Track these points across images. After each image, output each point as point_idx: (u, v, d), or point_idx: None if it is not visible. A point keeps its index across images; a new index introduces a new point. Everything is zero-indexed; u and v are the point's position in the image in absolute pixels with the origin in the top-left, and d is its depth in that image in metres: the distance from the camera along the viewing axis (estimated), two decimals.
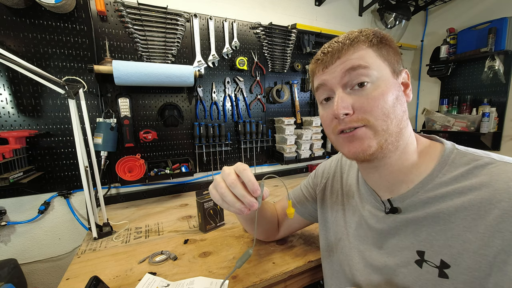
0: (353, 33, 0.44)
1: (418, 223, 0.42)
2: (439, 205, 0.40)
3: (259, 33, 1.55)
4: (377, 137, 0.41)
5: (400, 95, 0.43)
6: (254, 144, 1.60)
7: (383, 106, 0.40)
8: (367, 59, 0.41)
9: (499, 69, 1.66)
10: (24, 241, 1.17)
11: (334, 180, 0.65)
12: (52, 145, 1.16)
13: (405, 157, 0.44)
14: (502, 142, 1.80)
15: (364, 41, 0.42)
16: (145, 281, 0.66)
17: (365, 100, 0.41)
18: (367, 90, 0.41)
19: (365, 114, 0.41)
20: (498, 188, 0.35)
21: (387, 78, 0.42)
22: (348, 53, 0.42)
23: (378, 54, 0.42)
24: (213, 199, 0.46)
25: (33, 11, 1.06)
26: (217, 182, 0.45)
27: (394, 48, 0.44)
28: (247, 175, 0.43)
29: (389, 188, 0.47)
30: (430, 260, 0.39)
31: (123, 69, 1.11)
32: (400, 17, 1.93)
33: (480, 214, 0.35)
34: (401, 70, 0.45)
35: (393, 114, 0.41)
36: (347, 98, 0.42)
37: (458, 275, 0.36)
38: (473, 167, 0.39)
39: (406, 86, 0.45)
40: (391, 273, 0.45)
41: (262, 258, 0.75)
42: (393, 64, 0.43)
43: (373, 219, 0.50)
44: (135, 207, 1.24)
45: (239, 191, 0.42)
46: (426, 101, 2.28)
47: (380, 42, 0.43)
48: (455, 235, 0.37)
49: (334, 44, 0.44)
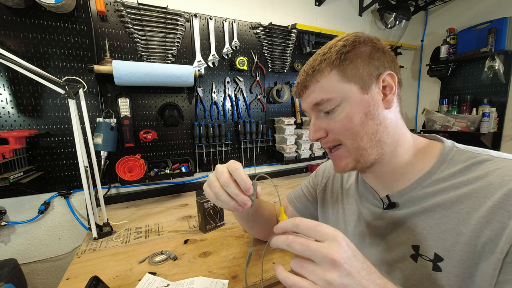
0: (317, 58, 0.44)
1: (415, 218, 0.43)
2: (436, 199, 0.40)
3: (259, 33, 1.55)
4: (352, 154, 0.45)
5: (370, 110, 0.42)
6: (254, 144, 1.60)
7: (350, 127, 0.43)
8: (328, 88, 0.43)
9: (499, 69, 1.66)
10: (24, 241, 1.17)
11: (334, 180, 0.65)
12: (52, 145, 1.16)
13: (396, 159, 0.45)
14: (502, 142, 1.80)
15: (326, 66, 0.43)
16: (145, 281, 0.66)
17: (334, 124, 0.44)
18: (334, 114, 0.44)
19: (336, 135, 0.45)
20: (493, 182, 0.36)
21: (354, 98, 0.42)
22: (311, 84, 0.45)
23: (342, 76, 0.42)
24: (208, 197, 0.47)
25: (33, 11, 1.06)
26: (211, 181, 0.45)
27: (366, 56, 0.42)
28: (239, 174, 0.43)
29: (387, 186, 0.48)
30: (424, 254, 0.40)
31: (123, 69, 1.11)
32: (400, 17, 1.93)
33: (475, 207, 0.36)
34: (380, 75, 0.42)
35: (362, 132, 0.42)
36: (320, 123, 0.46)
37: (451, 267, 0.37)
38: (471, 163, 0.40)
39: (389, 90, 0.43)
40: (388, 269, 0.45)
41: (262, 258, 0.75)
42: (362, 78, 0.42)
43: (371, 216, 0.50)
44: (135, 207, 1.24)
45: (232, 190, 0.43)
46: (426, 101, 2.29)
47: (344, 59, 0.42)
48: (449, 229, 0.38)
49: (301, 76, 0.47)
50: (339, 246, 0.30)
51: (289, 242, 0.33)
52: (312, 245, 0.31)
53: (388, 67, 0.43)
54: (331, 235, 0.31)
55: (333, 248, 0.30)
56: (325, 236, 0.31)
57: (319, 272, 0.30)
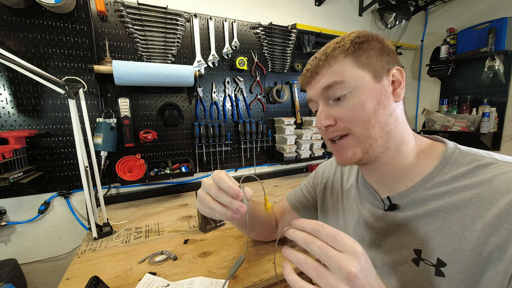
0: (330, 46, 0.44)
1: (416, 221, 0.42)
2: (438, 203, 0.40)
3: (259, 33, 1.55)
4: (361, 144, 0.43)
5: (383, 99, 0.42)
6: (254, 144, 1.60)
7: (362, 114, 0.42)
8: (342, 72, 0.42)
9: (499, 69, 1.66)
10: (24, 241, 1.17)
11: (334, 180, 0.65)
12: (52, 145, 1.16)
13: (399, 156, 0.44)
14: (502, 142, 1.80)
15: (340, 52, 0.43)
16: (145, 281, 0.66)
17: (344, 111, 0.43)
18: (346, 101, 0.43)
19: (347, 123, 0.43)
20: (499, 188, 0.35)
21: (366, 85, 0.42)
22: (324, 69, 0.44)
23: (356, 63, 0.42)
24: (203, 213, 0.47)
25: (33, 11, 1.06)
26: (202, 197, 0.45)
27: (377, 50, 0.43)
28: (225, 182, 0.43)
29: (388, 186, 0.47)
30: (426, 258, 0.39)
31: (123, 69, 1.11)
32: (400, 17, 1.93)
33: (480, 213, 0.35)
34: (390, 69, 0.44)
35: (374, 120, 0.42)
36: (329, 110, 0.44)
37: (454, 273, 0.36)
38: (475, 167, 0.39)
39: (398, 85, 0.44)
40: (389, 271, 0.45)
41: (262, 258, 0.75)
42: (375, 68, 0.43)
43: (372, 217, 0.50)
44: (135, 207, 1.24)
45: (225, 199, 0.43)
46: (426, 101, 2.29)
47: (358, 48, 0.42)
48: (452, 233, 0.37)
49: (313, 61, 0.46)
50: (358, 260, 0.30)
51: (308, 241, 0.33)
52: (331, 252, 0.30)
53: (396, 64, 0.45)
54: (351, 248, 0.30)
55: (351, 261, 0.29)
56: (345, 247, 0.31)
57: (331, 281, 0.29)
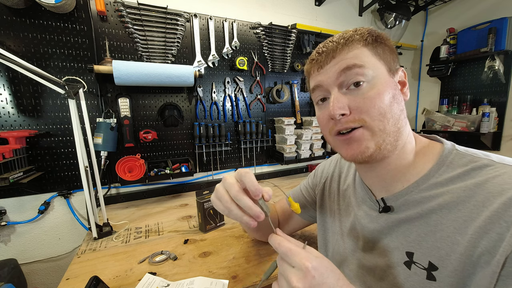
0: (347, 32, 0.43)
1: (409, 223, 0.41)
2: (431, 205, 0.39)
3: (259, 33, 1.55)
4: (375, 137, 0.40)
5: (397, 94, 0.42)
6: (254, 144, 1.60)
7: (379, 106, 0.39)
8: (362, 58, 0.41)
9: (499, 69, 1.66)
10: (24, 241, 1.17)
11: (332, 180, 0.64)
12: (52, 145, 1.16)
13: (403, 156, 0.44)
14: (502, 142, 1.80)
15: (359, 40, 0.42)
16: (145, 281, 0.66)
17: (361, 100, 0.40)
18: (363, 89, 0.40)
19: (362, 114, 0.40)
20: (492, 191, 0.34)
21: (383, 77, 0.41)
22: (342, 52, 0.41)
23: (374, 53, 0.42)
24: (216, 208, 0.43)
25: (33, 11, 1.06)
26: (221, 194, 0.42)
27: (389, 47, 0.44)
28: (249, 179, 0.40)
29: (385, 187, 0.47)
30: (418, 261, 0.39)
31: (123, 69, 1.11)
32: (400, 17, 1.93)
33: (472, 216, 0.35)
34: (398, 68, 0.44)
35: (389, 114, 0.40)
36: (343, 98, 0.41)
37: (445, 277, 0.36)
38: (471, 168, 0.38)
39: (403, 85, 0.45)
40: (382, 274, 0.44)
41: (262, 258, 0.76)
42: (389, 62, 0.43)
43: (367, 218, 0.49)
44: (135, 207, 1.24)
45: (243, 203, 0.40)
46: (426, 101, 2.28)
47: (375, 40, 0.42)
48: (444, 237, 0.37)
49: (329, 44, 0.43)
50: (304, 276, 0.33)
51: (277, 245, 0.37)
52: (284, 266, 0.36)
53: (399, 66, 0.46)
54: (298, 264, 0.34)
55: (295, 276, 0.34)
56: (294, 263, 0.34)
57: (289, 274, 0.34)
